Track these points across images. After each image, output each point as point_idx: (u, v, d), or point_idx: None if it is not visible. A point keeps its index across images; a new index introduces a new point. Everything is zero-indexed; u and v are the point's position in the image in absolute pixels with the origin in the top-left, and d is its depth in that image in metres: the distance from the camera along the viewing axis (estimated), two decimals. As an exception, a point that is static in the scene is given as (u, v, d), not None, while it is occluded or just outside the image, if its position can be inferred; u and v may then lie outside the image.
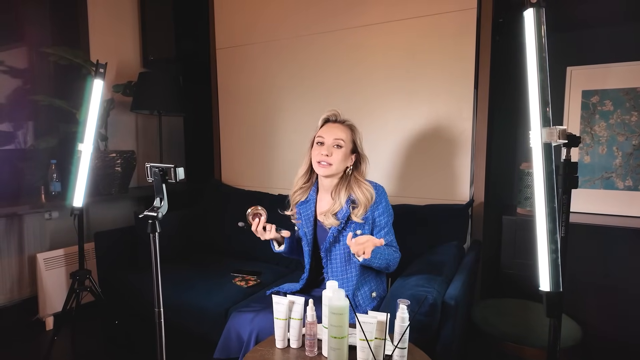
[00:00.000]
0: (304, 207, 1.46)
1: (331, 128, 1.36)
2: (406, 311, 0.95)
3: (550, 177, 0.79)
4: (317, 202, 1.45)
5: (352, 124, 1.40)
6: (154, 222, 0.81)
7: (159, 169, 0.80)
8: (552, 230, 0.77)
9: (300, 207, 1.46)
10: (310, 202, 1.45)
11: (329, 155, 1.32)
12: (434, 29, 1.89)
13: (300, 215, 1.45)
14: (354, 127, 1.40)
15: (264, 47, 2.37)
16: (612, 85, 1.85)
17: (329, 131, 1.35)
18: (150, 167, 0.82)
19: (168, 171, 0.80)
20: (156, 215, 0.81)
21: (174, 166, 0.80)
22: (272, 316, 1.19)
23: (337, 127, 1.36)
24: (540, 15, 0.82)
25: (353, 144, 1.37)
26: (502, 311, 1.58)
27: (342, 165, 1.35)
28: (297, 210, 1.47)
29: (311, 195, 1.45)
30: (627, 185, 1.82)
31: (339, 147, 1.33)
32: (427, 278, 1.32)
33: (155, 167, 0.81)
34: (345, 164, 1.36)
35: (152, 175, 0.82)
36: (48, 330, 2.22)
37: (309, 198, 1.45)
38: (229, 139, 2.58)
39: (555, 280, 0.77)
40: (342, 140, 1.33)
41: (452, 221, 1.78)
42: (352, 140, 1.37)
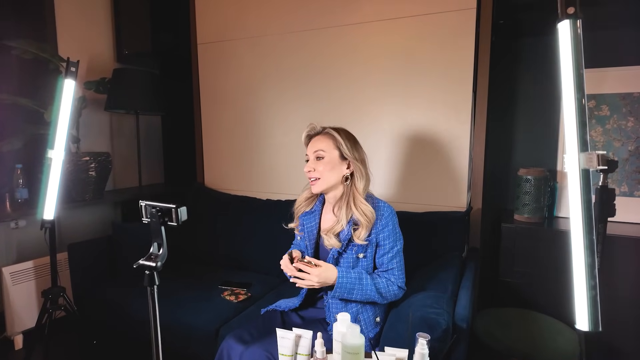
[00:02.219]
0: (307, 219, 1.37)
1: (312, 142, 1.30)
2: (426, 347, 0.88)
3: (588, 206, 0.72)
4: (322, 215, 1.37)
5: (332, 130, 1.29)
6: (152, 274, 0.68)
7: (156, 209, 0.68)
8: (591, 264, 0.71)
9: (303, 217, 1.37)
10: (315, 213, 1.36)
11: (314, 170, 1.26)
12: (431, 29, 1.82)
13: (304, 227, 1.36)
14: (336, 132, 1.28)
15: (250, 43, 2.23)
16: (608, 90, 1.83)
17: (310, 146, 1.29)
18: (146, 206, 0.70)
19: (168, 212, 0.68)
20: (155, 266, 0.69)
21: (175, 207, 0.68)
22: (264, 354, 1.11)
23: (316, 139, 1.29)
24: (577, 28, 0.75)
25: (338, 150, 1.26)
26: (504, 322, 1.54)
27: (331, 175, 1.26)
28: (300, 222, 1.38)
29: (317, 206, 1.37)
30: (623, 191, 1.82)
31: (321, 159, 1.25)
32: (434, 297, 1.26)
33: (153, 206, 0.69)
34: (335, 173, 1.26)
35: (147, 216, 0.69)
36: (17, 349, 2.04)
37: (314, 209, 1.37)
38: (212, 141, 2.44)
39: (594, 319, 0.71)
40: (322, 150, 1.25)
41: (451, 229, 1.73)
42: (336, 147, 1.26)
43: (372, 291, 1.21)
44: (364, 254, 1.25)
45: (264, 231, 2.02)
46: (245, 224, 2.09)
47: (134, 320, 1.66)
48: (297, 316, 1.39)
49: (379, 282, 1.24)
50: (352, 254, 1.25)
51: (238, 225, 2.12)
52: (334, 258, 1.26)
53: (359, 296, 1.21)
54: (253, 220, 2.08)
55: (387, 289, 1.24)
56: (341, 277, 1.19)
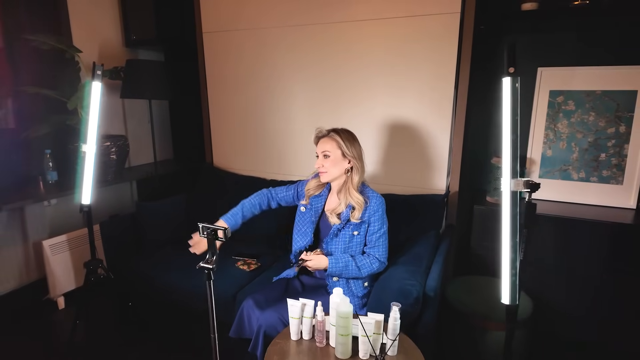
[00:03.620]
0: (316, 200, 1.71)
1: (320, 143, 1.61)
2: (397, 312, 1.19)
3: (515, 219, 1.00)
4: (328, 198, 1.71)
5: (335, 134, 1.58)
6: (209, 272, 0.98)
7: (210, 230, 0.96)
8: (514, 259, 1.00)
9: (313, 199, 1.72)
10: (322, 197, 1.71)
11: (322, 166, 1.59)
12: (420, 29, 2.00)
13: (312, 205, 1.70)
14: (338, 135, 1.58)
15: (252, 35, 2.40)
16: (575, 87, 2.06)
17: (319, 146, 1.62)
18: (203, 227, 0.98)
19: (217, 232, 0.96)
20: (212, 267, 0.98)
21: (224, 229, 0.96)
22: (277, 315, 1.46)
23: (323, 140, 1.60)
24: (516, 83, 0.98)
25: (340, 150, 1.57)
26: (471, 289, 1.88)
27: (336, 170, 1.59)
28: (310, 201, 1.72)
29: (324, 192, 1.72)
30: (580, 177, 2.10)
31: (328, 157, 1.58)
32: (411, 271, 1.57)
33: (208, 227, 0.96)
34: (339, 168, 1.59)
35: (204, 234, 0.97)
36: (60, 309, 2.40)
37: (322, 194, 1.72)
38: (219, 124, 2.66)
39: (513, 296, 1.01)
40: (328, 151, 1.58)
41: (431, 210, 2.02)
42: (338, 147, 1.57)
43: (355, 272, 1.56)
44: (358, 232, 1.59)
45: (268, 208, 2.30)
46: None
47: (162, 287, 1.98)
48: (299, 283, 1.72)
49: (363, 263, 1.57)
50: (349, 231, 1.59)
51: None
52: (334, 233, 1.59)
53: (345, 275, 1.58)
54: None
55: (369, 267, 1.57)
56: (331, 266, 1.55)
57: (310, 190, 1.73)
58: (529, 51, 2.11)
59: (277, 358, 1.21)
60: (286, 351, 1.24)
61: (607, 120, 2.02)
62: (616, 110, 2.00)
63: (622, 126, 2.00)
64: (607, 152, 2.03)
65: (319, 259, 1.57)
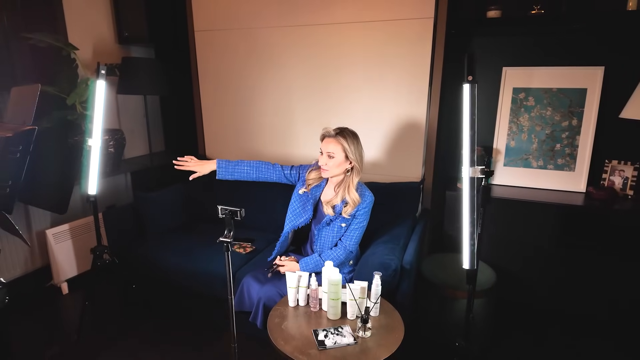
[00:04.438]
0: (314, 189, 1.87)
1: (326, 142, 1.72)
2: (379, 279, 1.42)
3: (473, 199, 1.23)
4: (324, 189, 1.86)
5: (342, 138, 1.69)
6: (227, 245, 1.18)
7: (229, 211, 1.16)
8: (472, 232, 1.24)
9: (312, 189, 1.87)
10: (320, 187, 1.86)
11: (326, 164, 1.72)
12: (397, 32, 2.21)
13: (311, 193, 1.86)
14: (344, 139, 1.69)
15: (243, 34, 2.56)
16: (535, 85, 2.31)
17: (325, 145, 1.72)
18: (221, 209, 1.17)
19: (235, 212, 1.15)
20: (230, 241, 1.18)
21: (239, 210, 1.15)
22: (275, 289, 1.67)
23: (329, 141, 1.71)
24: (474, 89, 1.20)
25: (344, 153, 1.69)
26: (444, 264, 2.13)
27: (337, 170, 1.73)
28: (310, 190, 1.87)
29: (322, 182, 1.86)
30: (539, 165, 2.37)
31: (332, 157, 1.70)
32: (390, 248, 1.80)
33: (226, 209, 1.16)
34: (340, 169, 1.73)
35: (222, 213, 1.17)
36: (64, 294, 2.55)
37: (320, 184, 1.86)
38: (211, 118, 2.83)
39: (472, 262, 1.25)
40: (333, 153, 1.69)
41: (408, 196, 2.26)
42: (343, 151, 1.69)
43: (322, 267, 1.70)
44: (346, 224, 1.77)
45: (261, 196, 2.50)
46: (244, 189, 2.55)
47: (164, 270, 2.17)
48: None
49: (332, 257, 1.75)
50: (338, 223, 1.77)
51: (238, 190, 2.57)
52: (326, 223, 1.79)
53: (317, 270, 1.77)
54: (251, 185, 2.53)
55: (337, 259, 1.75)
56: (302, 268, 1.77)
57: (311, 181, 1.86)
58: (495, 52, 2.35)
59: (278, 320, 1.42)
60: (285, 315, 1.46)
61: (562, 115, 2.29)
62: (569, 106, 2.27)
63: (574, 120, 2.27)
64: (561, 143, 2.31)
65: (291, 264, 1.78)
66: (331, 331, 1.34)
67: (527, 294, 2.26)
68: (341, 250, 1.77)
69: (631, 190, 2.19)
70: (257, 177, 1.94)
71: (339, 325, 1.39)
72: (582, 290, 2.16)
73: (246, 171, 1.92)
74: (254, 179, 1.96)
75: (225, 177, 1.92)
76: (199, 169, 1.88)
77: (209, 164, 1.90)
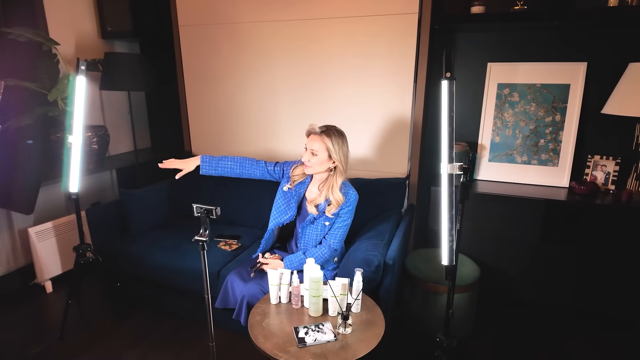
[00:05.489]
0: (298, 186, 1.85)
1: (311, 139, 1.71)
2: (360, 276, 1.42)
3: (451, 196, 1.24)
4: (309, 186, 1.85)
5: (326, 137, 1.67)
6: (203, 244, 1.17)
7: (204, 209, 1.14)
8: (450, 228, 1.24)
9: (296, 185, 1.86)
10: (304, 184, 1.85)
11: (308, 161, 1.71)
12: (382, 28, 2.20)
13: (295, 190, 1.84)
14: (329, 138, 1.67)
15: (227, 29, 2.53)
16: (519, 80, 2.32)
17: (309, 142, 1.72)
18: (197, 208, 1.16)
19: (210, 211, 1.14)
20: (205, 240, 1.17)
21: (214, 208, 1.14)
22: (258, 287, 1.67)
23: (314, 138, 1.70)
24: (452, 86, 1.20)
25: (328, 152, 1.68)
26: (428, 259, 2.14)
27: (319, 167, 1.72)
28: (294, 187, 1.85)
29: (307, 179, 1.85)
30: (523, 160, 2.39)
31: (315, 155, 1.69)
32: (374, 244, 1.81)
33: (201, 208, 1.15)
34: (322, 167, 1.72)
35: (198, 212, 1.16)
36: (48, 292, 2.52)
37: (304, 181, 1.85)
38: (197, 113, 2.80)
39: (451, 258, 1.26)
40: (316, 150, 1.69)
41: (394, 192, 2.26)
42: (327, 150, 1.68)
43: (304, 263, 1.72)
44: (329, 223, 1.76)
45: (246, 192, 2.49)
46: (230, 186, 2.54)
47: (149, 267, 2.15)
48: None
49: (316, 255, 1.75)
50: (322, 221, 1.77)
51: (224, 187, 2.56)
52: (310, 221, 1.78)
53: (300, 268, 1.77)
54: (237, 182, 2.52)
55: (321, 257, 1.76)
56: (286, 265, 1.77)
57: (295, 177, 1.85)
58: (480, 48, 2.36)
59: (260, 317, 1.42)
60: (267, 312, 1.46)
61: (546, 110, 2.30)
62: (553, 102, 2.28)
63: (558, 115, 2.29)
64: (545, 138, 2.33)
65: (275, 262, 1.78)
66: (312, 328, 1.34)
67: (510, 288, 2.29)
68: (325, 249, 1.77)
69: (612, 185, 2.21)
70: (241, 172, 1.93)
71: (321, 322, 1.39)
72: (563, 284, 2.19)
73: (230, 166, 1.92)
74: (237, 175, 1.95)
75: (209, 172, 1.92)
76: (184, 166, 1.88)
77: (193, 160, 1.90)
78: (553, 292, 2.22)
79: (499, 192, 2.22)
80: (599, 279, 2.12)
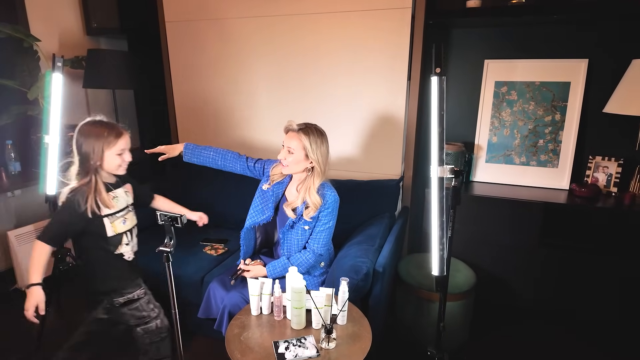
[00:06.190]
0: (277, 186, 1.76)
1: (288, 136, 1.61)
2: (346, 286, 1.33)
3: (441, 200, 1.15)
4: (288, 186, 1.76)
5: (303, 135, 1.57)
6: (167, 255, 1.07)
7: (168, 217, 1.05)
8: (441, 236, 1.15)
9: (274, 185, 1.76)
10: (283, 184, 1.75)
11: (284, 159, 1.61)
12: (375, 23, 2.11)
13: (273, 190, 1.75)
14: (306, 136, 1.57)
15: (215, 25, 2.44)
16: (517, 78, 2.23)
17: (287, 139, 1.61)
18: (160, 215, 1.06)
19: (175, 219, 1.04)
20: (170, 250, 1.07)
21: (180, 215, 1.04)
22: (240, 296, 1.58)
23: (291, 135, 1.60)
24: (442, 82, 1.11)
25: (304, 151, 1.58)
26: (421, 264, 2.05)
27: (296, 167, 1.62)
28: (271, 187, 1.76)
29: (286, 179, 1.75)
30: (522, 161, 2.29)
31: (291, 153, 1.59)
32: (364, 249, 1.72)
33: (165, 215, 1.05)
34: (299, 167, 1.62)
35: (162, 220, 1.06)
36: (29, 298, 2.43)
37: (283, 181, 1.75)
38: (184, 112, 2.71)
39: (442, 268, 1.17)
40: (292, 148, 1.58)
41: (386, 194, 2.17)
42: (303, 148, 1.57)
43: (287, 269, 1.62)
44: (309, 227, 1.66)
45: (235, 193, 2.39)
46: (218, 187, 2.45)
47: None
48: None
49: (300, 261, 1.65)
50: (301, 225, 1.66)
51: (212, 188, 2.47)
52: (289, 226, 1.68)
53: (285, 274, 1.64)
54: (225, 184, 2.43)
55: (306, 263, 1.66)
56: (269, 272, 1.67)
57: (274, 176, 1.76)
58: (477, 44, 2.26)
59: (238, 331, 1.33)
60: (247, 324, 1.37)
61: (545, 109, 2.21)
62: (552, 100, 2.19)
63: (558, 114, 2.19)
64: (544, 139, 2.23)
65: (257, 268, 1.68)
66: (293, 342, 1.25)
67: (507, 294, 2.20)
68: (310, 254, 1.67)
69: (615, 188, 2.12)
70: (223, 165, 1.88)
71: (303, 335, 1.30)
72: (562, 290, 2.10)
73: (212, 157, 1.87)
74: (219, 167, 1.89)
75: (191, 159, 1.89)
76: (168, 150, 1.87)
77: (177, 146, 1.89)
78: (552, 299, 2.13)
79: (496, 195, 2.13)
80: (600, 285, 2.03)
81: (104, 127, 1.45)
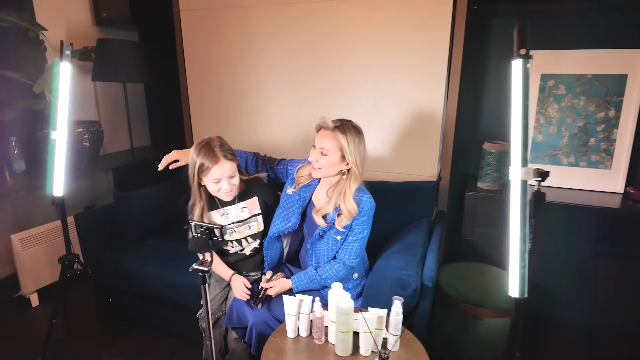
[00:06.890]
0: (304, 190, 1.56)
1: (321, 135, 1.42)
2: (400, 307, 1.15)
3: (524, 209, 0.96)
4: (316, 189, 1.56)
5: (340, 134, 1.39)
6: (204, 275, 0.88)
7: (204, 228, 0.85)
8: (523, 250, 0.96)
9: (301, 188, 1.57)
10: (311, 187, 1.56)
11: (317, 161, 1.42)
12: (411, 10, 1.92)
13: (300, 194, 1.56)
14: (343, 135, 1.39)
15: (234, 13, 2.26)
16: (566, 71, 2.03)
17: (319, 138, 1.42)
18: (195, 226, 0.87)
19: (212, 230, 0.85)
20: (207, 270, 0.87)
21: (220, 227, 0.85)
22: (267, 313, 1.41)
23: (325, 134, 1.41)
24: (527, 67, 0.93)
25: (340, 152, 1.40)
26: (463, 275, 1.86)
27: (330, 170, 1.43)
28: (297, 191, 1.57)
29: (314, 182, 1.56)
30: (570, 162, 2.10)
31: (325, 155, 1.40)
32: (406, 260, 1.53)
33: (201, 225, 0.86)
34: (333, 170, 1.43)
35: (197, 231, 0.87)
36: (34, 306, 2.27)
37: (311, 183, 1.56)
38: (200, 108, 2.53)
39: (522, 289, 0.98)
40: (327, 149, 1.39)
41: (422, 197, 1.98)
42: (339, 149, 1.39)
43: (319, 283, 1.50)
44: (341, 237, 1.46)
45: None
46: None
47: (144, 280, 1.89)
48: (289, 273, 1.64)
49: (329, 273, 1.48)
50: (332, 235, 1.47)
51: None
52: (319, 235, 1.49)
53: (313, 287, 1.51)
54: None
55: (335, 276, 1.47)
56: (295, 286, 1.50)
57: (301, 179, 1.57)
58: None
59: (274, 356, 1.15)
60: (283, 349, 1.19)
61: (597, 105, 2.01)
62: (606, 95, 1.99)
63: (612, 111, 2.00)
64: (596, 137, 2.04)
65: (281, 283, 1.49)
66: (341, 373, 1.07)
67: (557, 308, 2.00)
68: (340, 266, 1.48)
69: (677, 191, 1.92)
70: (245, 168, 1.70)
71: (350, 362, 1.12)
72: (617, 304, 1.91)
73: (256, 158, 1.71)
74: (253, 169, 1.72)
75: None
76: (180, 156, 1.65)
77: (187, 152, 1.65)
78: (606, 314, 1.93)
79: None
80: (662, 300, 1.83)
81: (200, 154, 1.45)
